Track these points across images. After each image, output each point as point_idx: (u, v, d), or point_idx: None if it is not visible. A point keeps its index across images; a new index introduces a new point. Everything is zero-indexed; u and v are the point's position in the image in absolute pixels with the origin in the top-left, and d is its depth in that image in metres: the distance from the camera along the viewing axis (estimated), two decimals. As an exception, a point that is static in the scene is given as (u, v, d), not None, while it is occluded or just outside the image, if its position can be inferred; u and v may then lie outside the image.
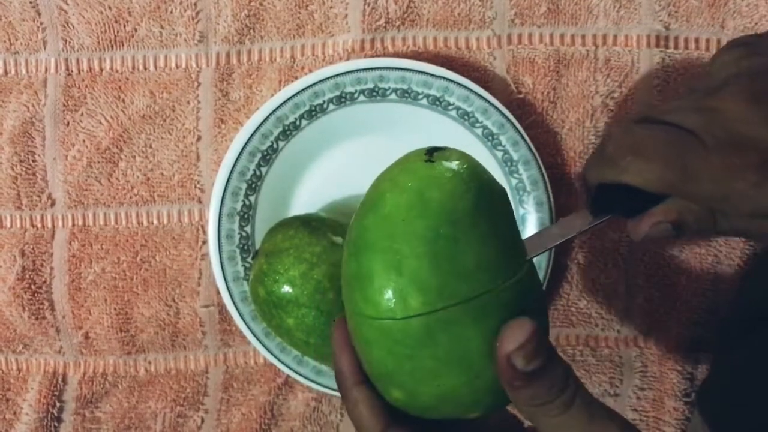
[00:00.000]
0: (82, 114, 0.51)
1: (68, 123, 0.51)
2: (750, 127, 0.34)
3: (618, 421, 0.30)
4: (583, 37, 0.50)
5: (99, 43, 0.50)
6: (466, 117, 0.48)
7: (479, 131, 0.49)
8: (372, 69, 0.47)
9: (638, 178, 0.36)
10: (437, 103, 0.48)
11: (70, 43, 0.50)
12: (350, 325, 0.32)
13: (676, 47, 0.50)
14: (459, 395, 0.31)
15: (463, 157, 0.32)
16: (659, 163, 0.35)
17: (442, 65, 0.48)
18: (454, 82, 0.47)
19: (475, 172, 0.31)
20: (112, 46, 0.50)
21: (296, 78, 0.50)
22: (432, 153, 0.32)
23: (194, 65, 0.50)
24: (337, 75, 0.47)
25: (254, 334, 0.49)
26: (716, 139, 0.34)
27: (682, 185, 0.35)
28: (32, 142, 0.51)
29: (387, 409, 0.33)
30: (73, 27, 0.50)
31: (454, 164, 0.31)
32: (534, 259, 0.49)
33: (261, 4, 0.50)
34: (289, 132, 0.49)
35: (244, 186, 0.49)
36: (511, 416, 0.36)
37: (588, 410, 0.30)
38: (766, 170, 0.34)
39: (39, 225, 0.51)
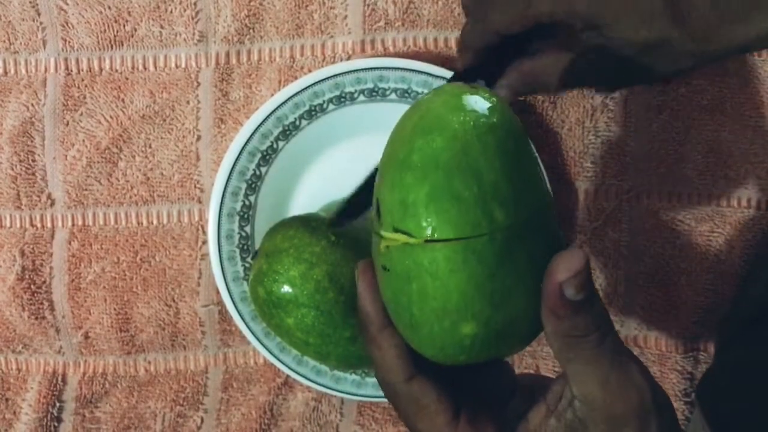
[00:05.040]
0: (81, 114, 0.51)
1: (68, 123, 0.51)
2: None
3: (640, 365, 0.31)
4: (583, 37, 0.50)
5: (99, 42, 0.50)
6: (466, 117, 0.48)
7: (479, 131, 0.48)
8: (372, 69, 0.47)
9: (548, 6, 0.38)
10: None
11: (69, 42, 0.50)
12: (404, 264, 0.30)
13: (676, 47, 0.50)
14: (525, 318, 0.30)
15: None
16: None
17: (442, 65, 0.48)
18: (454, 82, 0.47)
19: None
20: (111, 46, 0.50)
21: (296, 78, 0.50)
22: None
23: (194, 65, 0.50)
24: (336, 75, 0.47)
25: (254, 334, 0.49)
26: None
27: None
28: (32, 141, 0.51)
29: (413, 357, 0.32)
30: (73, 27, 0.50)
31: (489, 94, 0.32)
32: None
33: (261, 4, 0.50)
34: (288, 132, 0.49)
35: (243, 186, 0.49)
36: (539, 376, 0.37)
37: (615, 349, 0.30)
38: None
39: (39, 225, 0.51)
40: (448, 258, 0.29)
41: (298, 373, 0.50)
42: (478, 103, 0.30)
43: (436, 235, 0.29)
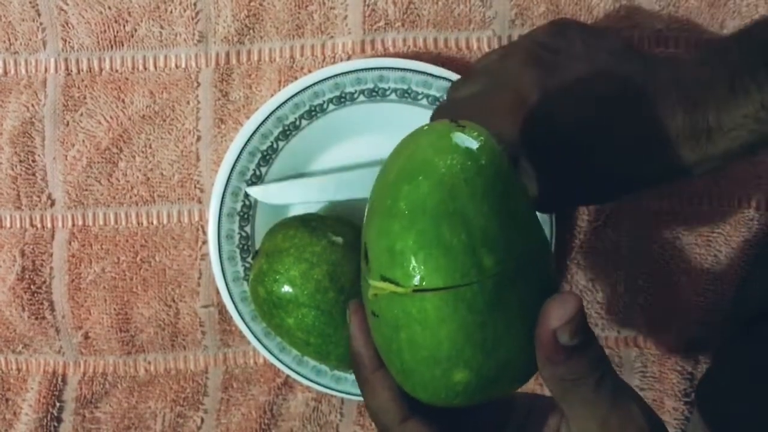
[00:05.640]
0: (81, 114, 0.51)
1: (68, 123, 0.51)
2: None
3: (641, 403, 0.31)
4: (583, 37, 0.50)
5: (99, 43, 0.50)
6: (466, 117, 0.48)
7: (479, 131, 0.48)
8: (372, 69, 0.47)
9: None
10: (437, 104, 0.48)
11: (69, 43, 0.50)
12: (393, 313, 0.29)
13: (676, 47, 0.50)
14: (518, 361, 0.30)
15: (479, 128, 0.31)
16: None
17: (442, 65, 0.48)
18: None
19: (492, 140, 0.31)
20: (111, 46, 0.50)
21: (296, 78, 0.50)
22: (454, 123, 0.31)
23: (194, 65, 0.50)
24: (337, 75, 0.47)
25: (254, 334, 0.49)
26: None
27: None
28: (32, 142, 0.51)
29: (406, 398, 0.32)
30: (73, 27, 0.50)
31: (477, 131, 0.30)
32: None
33: (261, 5, 0.50)
34: (288, 132, 0.49)
35: (243, 186, 0.49)
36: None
37: (615, 389, 0.30)
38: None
39: (39, 225, 0.51)
40: (437, 307, 0.28)
41: (298, 373, 0.50)
42: (466, 142, 0.29)
43: (424, 284, 0.28)
